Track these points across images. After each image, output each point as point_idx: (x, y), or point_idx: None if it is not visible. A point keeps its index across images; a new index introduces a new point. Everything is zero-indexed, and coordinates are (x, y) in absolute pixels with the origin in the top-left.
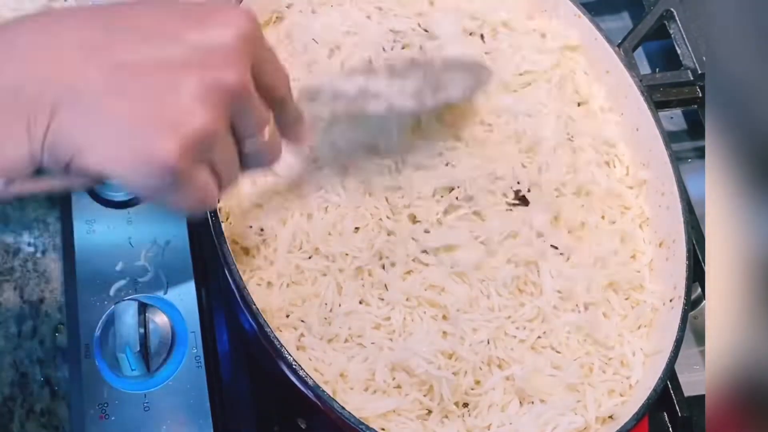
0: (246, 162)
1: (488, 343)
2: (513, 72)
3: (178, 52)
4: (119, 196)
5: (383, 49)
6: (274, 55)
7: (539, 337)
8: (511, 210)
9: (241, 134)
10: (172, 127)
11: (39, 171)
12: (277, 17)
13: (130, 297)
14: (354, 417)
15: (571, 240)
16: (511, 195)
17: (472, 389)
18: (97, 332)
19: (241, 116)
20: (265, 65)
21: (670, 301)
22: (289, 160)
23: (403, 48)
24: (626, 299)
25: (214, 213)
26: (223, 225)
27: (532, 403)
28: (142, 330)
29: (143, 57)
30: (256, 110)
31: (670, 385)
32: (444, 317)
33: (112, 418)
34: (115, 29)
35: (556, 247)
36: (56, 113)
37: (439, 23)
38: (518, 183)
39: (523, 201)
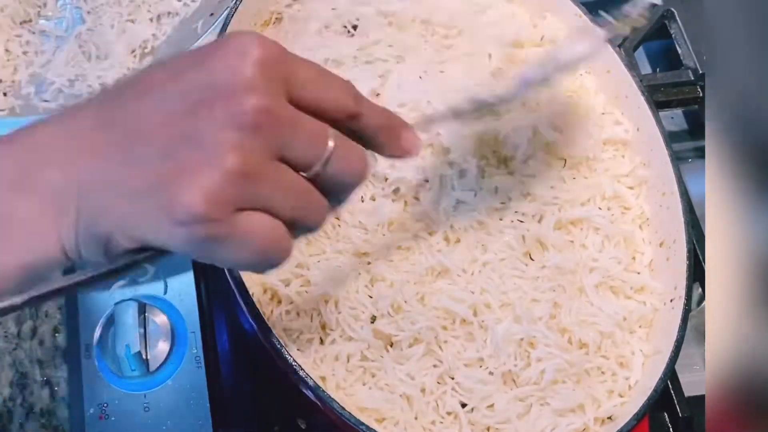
0: (326, 192)
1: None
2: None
3: (180, 98)
4: None
5: None
6: (313, 67)
7: (534, 336)
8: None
9: (298, 164)
10: (191, 176)
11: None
12: (276, 18)
13: (129, 297)
14: (354, 417)
15: (570, 240)
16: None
17: (472, 386)
18: (97, 332)
19: (283, 143)
20: (302, 78)
21: (671, 301)
22: None
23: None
24: (627, 299)
25: None
26: None
27: (531, 404)
28: (142, 330)
29: (147, 116)
30: (303, 134)
31: (670, 385)
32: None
33: (112, 419)
34: (120, 102)
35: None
36: (82, 199)
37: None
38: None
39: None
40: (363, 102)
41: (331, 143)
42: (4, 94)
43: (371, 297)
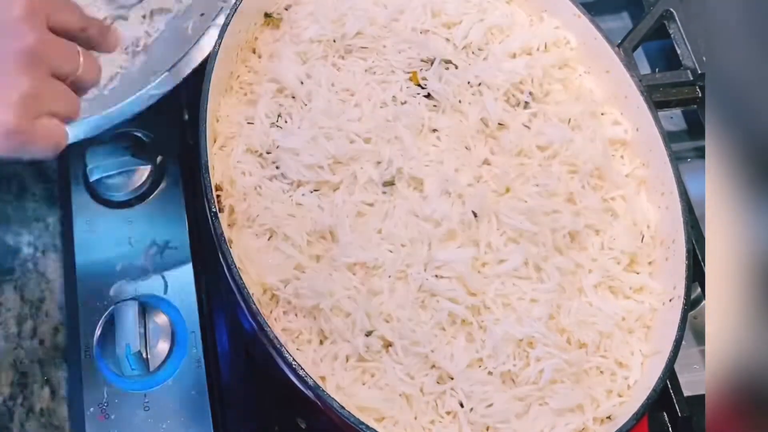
0: (78, 90)
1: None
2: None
3: None
4: (119, 196)
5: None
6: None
7: (533, 336)
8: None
9: (63, 75)
10: (2, 101)
11: None
12: (276, 19)
13: (130, 297)
14: (354, 417)
15: (570, 239)
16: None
17: (471, 387)
18: (97, 332)
19: (54, 64)
20: (56, 11)
21: (670, 301)
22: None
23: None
24: (626, 299)
25: (215, 213)
26: (222, 224)
27: (530, 403)
28: (142, 330)
29: None
30: (64, 53)
31: (669, 385)
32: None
33: (112, 418)
34: None
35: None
36: None
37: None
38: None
39: None
40: (87, 18)
41: (81, 58)
42: None
43: (369, 305)
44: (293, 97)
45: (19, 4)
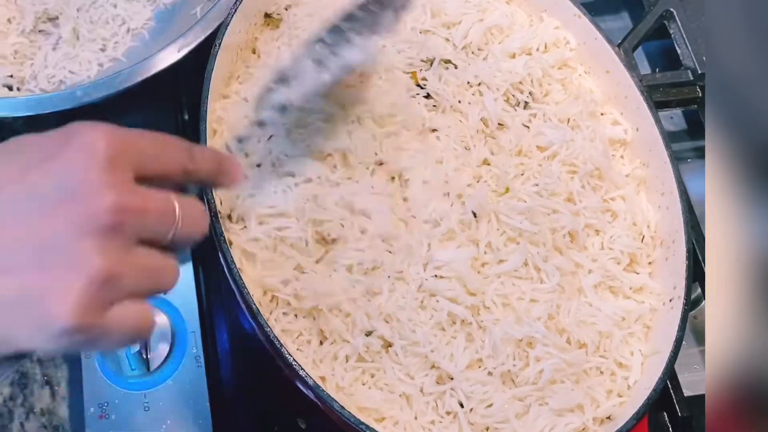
0: (175, 250)
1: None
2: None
3: (33, 201)
4: None
5: None
6: (151, 139)
7: (533, 336)
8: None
9: (152, 240)
10: (59, 288)
11: None
12: (276, 19)
13: None
14: (354, 417)
15: (570, 239)
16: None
17: (471, 387)
18: None
19: (139, 229)
20: (144, 155)
21: (670, 301)
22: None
23: None
24: (626, 299)
25: (215, 214)
26: (222, 225)
27: (530, 403)
28: None
29: (3, 220)
30: (154, 214)
31: (670, 385)
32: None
33: (112, 418)
34: None
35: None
36: None
37: None
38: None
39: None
40: (195, 153)
41: (178, 211)
42: (18, 89)
43: (369, 305)
44: None
45: (99, 159)
